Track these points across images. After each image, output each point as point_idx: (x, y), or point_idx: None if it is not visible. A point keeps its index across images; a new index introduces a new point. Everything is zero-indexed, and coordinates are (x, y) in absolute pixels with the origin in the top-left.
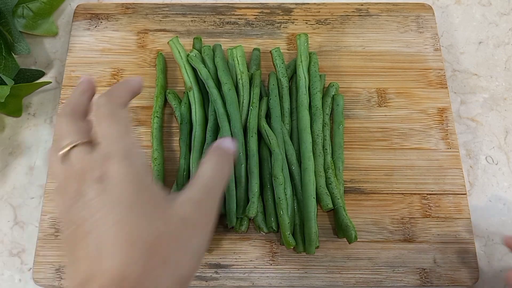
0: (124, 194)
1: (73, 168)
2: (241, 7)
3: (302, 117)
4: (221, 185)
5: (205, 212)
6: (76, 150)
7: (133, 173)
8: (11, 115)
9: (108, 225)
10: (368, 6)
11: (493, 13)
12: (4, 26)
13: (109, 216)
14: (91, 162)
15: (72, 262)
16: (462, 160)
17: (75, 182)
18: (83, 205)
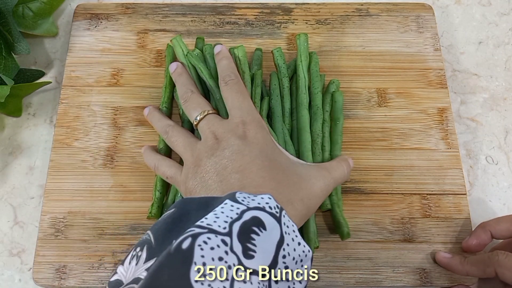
0: (264, 151)
1: (211, 128)
2: (241, 7)
3: (302, 117)
4: (339, 182)
5: (326, 186)
6: (211, 116)
7: (267, 139)
8: (11, 115)
9: (258, 167)
10: (368, 6)
11: (493, 13)
12: (4, 26)
13: (257, 162)
14: (230, 124)
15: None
16: (462, 160)
17: (213, 139)
18: (231, 153)
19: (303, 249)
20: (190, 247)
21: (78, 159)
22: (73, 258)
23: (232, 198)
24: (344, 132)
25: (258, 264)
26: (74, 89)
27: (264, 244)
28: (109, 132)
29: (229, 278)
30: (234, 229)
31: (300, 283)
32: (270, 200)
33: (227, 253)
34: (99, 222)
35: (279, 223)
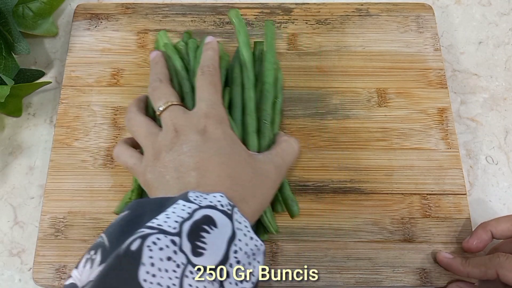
0: (223, 147)
1: (172, 120)
2: (241, 7)
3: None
4: (293, 161)
5: (280, 174)
6: (174, 107)
7: (227, 134)
8: (11, 115)
9: (214, 164)
10: (368, 6)
11: (493, 13)
12: (4, 26)
13: (214, 159)
14: (192, 117)
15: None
16: (462, 160)
17: (173, 132)
18: (189, 148)
19: (255, 243)
20: (139, 248)
21: (78, 159)
22: (73, 258)
23: (184, 198)
24: (344, 132)
25: (208, 260)
26: (74, 89)
27: (215, 241)
28: (109, 132)
29: (178, 276)
30: (184, 229)
31: (253, 276)
32: (222, 198)
33: (175, 252)
34: (99, 222)
35: (231, 220)
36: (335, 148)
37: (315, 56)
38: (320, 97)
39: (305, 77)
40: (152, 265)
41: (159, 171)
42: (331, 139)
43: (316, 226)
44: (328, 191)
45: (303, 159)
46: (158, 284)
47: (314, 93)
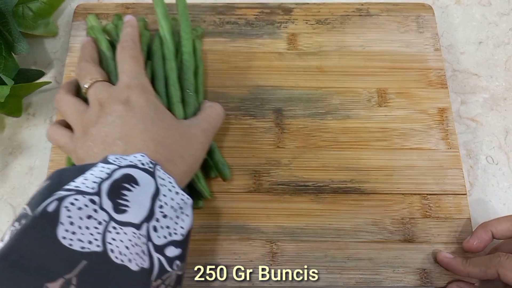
0: (147, 114)
1: (97, 95)
2: (241, 7)
3: (171, 69)
4: (219, 124)
5: (208, 137)
6: (98, 84)
7: (151, 101)
8: (11, 115)
9: (139, 131)
10: (368, 6)
11: (493, 13)
12: (4, 26)
13: (138, 126)
14: (116, 90)
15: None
16: (462, 160)
17: (98, 106)
18: (113, 118)
19: (181, 198)
20: (56, 209)
21: None
22: None
23: (104, 161)
24: (345, 132)
25: (132, 217)
26: None
27: (137, 198)
28: None
29: (101, 232)
30: (103, 188)
31: (183, 228)
32: (143, 157)
33: (96, 211)
34: None
35: (153, 177)
36: (335, 148)
37: (315, 56)
38: (320, 97)
39: (305, 77)
40: (71, 224)
41: (88, 145)
42: (331, 139)
43: (316, 226)
44: (328, 191)
45: (303, 159)
46: (79, 240)
47: (314, 93)
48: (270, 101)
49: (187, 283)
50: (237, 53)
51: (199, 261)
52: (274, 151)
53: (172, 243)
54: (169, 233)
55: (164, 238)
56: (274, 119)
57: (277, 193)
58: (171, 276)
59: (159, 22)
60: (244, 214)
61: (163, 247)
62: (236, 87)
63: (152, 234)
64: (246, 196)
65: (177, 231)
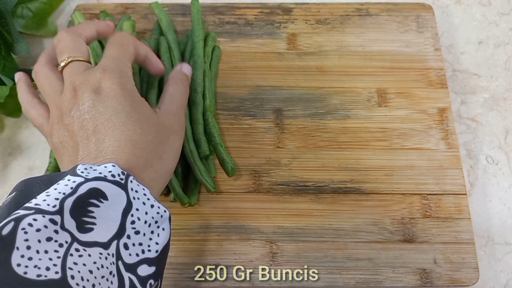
0: (121, 105)
1: (71, 78)
2: (241, 7)
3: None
4: (186, 101)
5: (181, 122)
6: (74, 63)
7: (126, 90)
8: (10, 115)
9: (113, 127)
10: (368, 6)
11: (493, 13)
12: (3, 26)
13: (112, 120)
14: (90, 74)
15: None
16: (462, 160)
17: (72, 91)
18: (87, 108)
19: (157, 211)
20: (12, 231)
21: None
22: None
23: (72, 172)
24: (344, 132)
25: (99, 235)
26: None
27: (106, 214)
28: None
29: (61, 256)
30: (66, 206)
31: (157, 244)
32: (114, 167)
33: (57, 232)
34: None
35: (125, 190)
36: (335, 148)
37: (315, 56)
38: (320, 97)
39: (305, 77)
40: (28, 248)
41: (63, 135)
42: (331, 139)
43: (316, 226)
44: (328, 191)
45: (303, 159)
46: (35, 266)
47: (314, 93)
48: (270, 101)
49: (187, 283)
50: (237, 53)
51: (199, 261)
52: (274, 151)
53: (145, 261)
54: (142, 250)
55: (136, 256)
56: (274, 119)
57: (277, 193)
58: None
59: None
60: (244, 214)
61: (135, 265)
62: (236, 87)
63: (123, 252)
64: (246, 196)
65: (150, 248)
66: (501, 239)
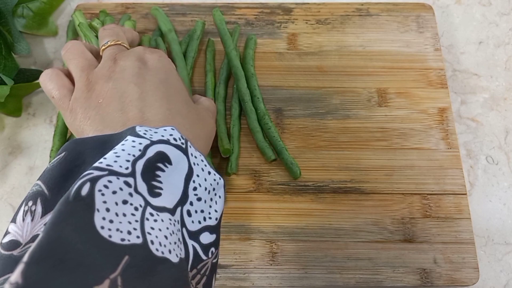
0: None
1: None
2: (241, 7)
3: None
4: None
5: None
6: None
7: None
8: (10, 115)
9: (161, 95)
10: (368, 6)
11: (493, 13)
12: (4, 26)
13: (160, 88)
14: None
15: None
16: (462, 160)
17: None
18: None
19: (214, 178)
20: (90, 193)
21: None
22: None
23: (132, 133)
24: (344, 132)
25: (166, 200)
26: None
27: (170, 180)
28: None
29: (138, 220)
30: (137, 168)
31: (216, 211)
32: (174, 131)
33: (131, 195)
34: None
35: (186, 155)
36: (335, 148)
37: (315, 56)
38: (320, 97)
39: (305, 77)
40: (107, 210)
41: (97, 104)
42: (331, 139)
43: (316, 226)
44: (328, 191)
45: (303, 159)
46: (118, 230)
47: (314, 93)
48: (270, 101)
49: None
50: None
51: None
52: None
53: (206, 228)
54: (204, 217)
55: (198, 224)
56: (274, 119)
57: (277, 193)
58: (207, 264)
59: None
60: (244, 214)
61: (198, 233)
62: None
63: (186, 219)
64: (246, 196)
65: (211, 215)
66: (501, 239)
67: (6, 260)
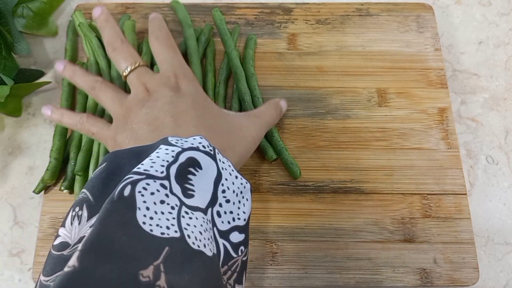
0: (197, 101)
1: (141, 80)
2: (241, 7)
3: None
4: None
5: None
6: (141, 68)
7: (199, 91)
8: (10, 115)
9: (190, 117)
10: (368, 6)
11: (493, 13)
12: (4, 26)
13: (190, 112)
14: (163, 77)
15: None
16: (462, 160)
17: (144, 91)
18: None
19: (241, 182)
20: (131, 194)
21: None
22: None
23: (165, 142)
24: (344, 132)
25: (199, 201)
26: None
27: (201, 183)
28: None
29: (175, 217)
30: (171, 172)
31: (244, 213)
32: (202, 139)
33: (167, 195)
34: None
35: (215, 160)
36: (335, 148)
37: (315, 56)
38: (320, 97)
39: (305, 77)
40: (147, 209)
41: (131, 128)
42: (331, 139)
43: (316, 226)
44: (328, 191)
45: (303, 159)
46: (158, 225)
47: (314, 93)
48: None
49: None
50: None
51: None
52: None
53: (235, 228)
54: (233, 218)
55: (227, 224)
56: None
57: (277, 193)
58: (237, 262)
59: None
60: None
61: (228, 232)
62: None
63: (216, 220)
64: None
65: (239, 216)
66: (501, 239)
67: (57, 260)
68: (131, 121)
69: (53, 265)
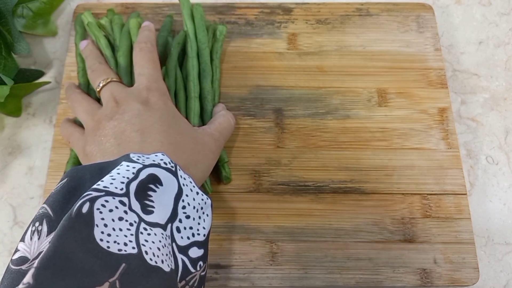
0: (165, 116)
1: (113, 93)
2: (241, 6)
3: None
4: (230, 134)
5: (219, 146)
6: (113, 83)
7: (169, 106)
8: (10, 115)
9: (156, 131)
10: (368, 6)
11: (493, 13)
12: (4, 26)
13: (156, 126)
14: (134, 90)
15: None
16: (463, 160)
17: (114, 102)
18: (130, 116)
19: (202, 198)
20: (90, 211)
21: None
22: None
23: (127, 159)
24: (344, 132)
25: (158, 217)
26: None
27: (161, 199)
28: None
29: (133, 233)
30: (131, 189)
31: (204, 228)
32: (164, 156)
33: (126, 212)
34: None
35: (176, 177)
36: (335, 148)
37: (315, 56)
38: (320, 97)
39: (305, 77)
40: (105, 225)
41: (99, 141)
42: (331, 139)
43: (316, 226)
44: (328, 191)
45: (303, 159)
46: (115, 242)
47: (314, 93)
48: (270, 101)
49: None
50: (237, 53)
51: None
52: (274, 151)
53: (195, 243)
54: (192, 233)
55: (187, 239)
56: (274, 119)
57: (277, 193)
58: (195, 277)
59: (185, 22)
60: (244, 214)
61: (187, 248)
62: (236, 87)
63: (176, 235)
64: (246, 196)
65: (199, 232)
66: (501, 239)
67: (15, 274)
68: (99, 133)
69: (11, 279)
